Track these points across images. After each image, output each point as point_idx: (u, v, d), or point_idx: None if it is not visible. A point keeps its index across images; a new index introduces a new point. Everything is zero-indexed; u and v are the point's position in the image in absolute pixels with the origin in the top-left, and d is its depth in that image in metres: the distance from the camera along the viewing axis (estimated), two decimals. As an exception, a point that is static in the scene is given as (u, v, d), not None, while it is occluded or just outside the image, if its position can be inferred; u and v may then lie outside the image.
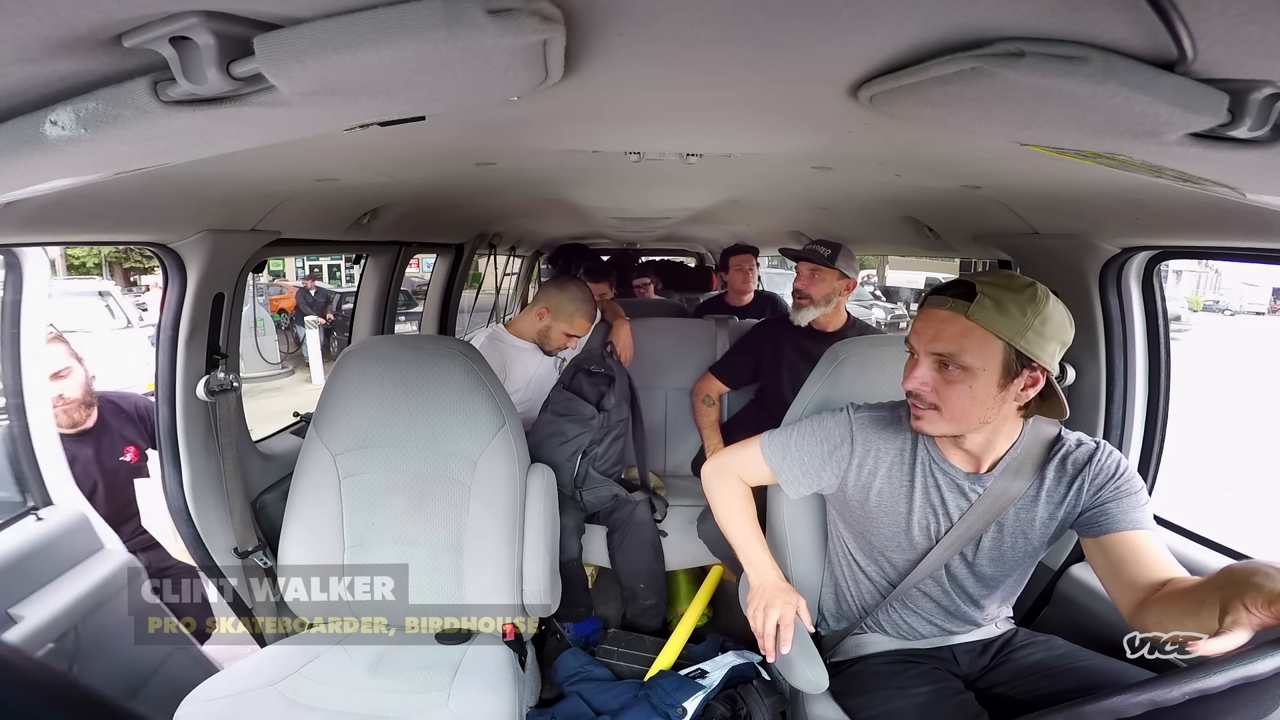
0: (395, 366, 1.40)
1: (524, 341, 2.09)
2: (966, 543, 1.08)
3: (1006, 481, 1.04)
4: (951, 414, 0.97)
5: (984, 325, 0.92)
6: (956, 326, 0.93)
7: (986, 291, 0.92)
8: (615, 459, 2.01)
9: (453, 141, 0.99)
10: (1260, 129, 0.46)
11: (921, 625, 1.16)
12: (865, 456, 1.12)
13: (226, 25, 0.41)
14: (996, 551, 1.08)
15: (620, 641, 1.97)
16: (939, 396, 0.97)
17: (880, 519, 1.12)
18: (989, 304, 0.91)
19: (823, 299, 1.98)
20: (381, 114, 0.60)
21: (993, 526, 1.07)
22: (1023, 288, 0.93)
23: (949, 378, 0.95)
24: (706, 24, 0.49)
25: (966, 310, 0.92)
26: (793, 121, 0.85)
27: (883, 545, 1.14)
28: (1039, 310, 0.92)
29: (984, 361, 0.93)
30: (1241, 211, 0.84)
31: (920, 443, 1.10)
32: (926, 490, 1.09)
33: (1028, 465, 1.04)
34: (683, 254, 6.30)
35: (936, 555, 1.09)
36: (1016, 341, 0.91)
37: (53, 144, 0.49)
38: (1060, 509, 1.03)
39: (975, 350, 0.93)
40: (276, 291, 10.96)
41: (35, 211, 0.96)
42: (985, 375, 0.94)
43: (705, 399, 2.19)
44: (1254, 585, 0.71)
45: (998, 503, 1.05)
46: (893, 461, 1.11)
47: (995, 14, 0.43)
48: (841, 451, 1.13)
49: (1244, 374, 10.59)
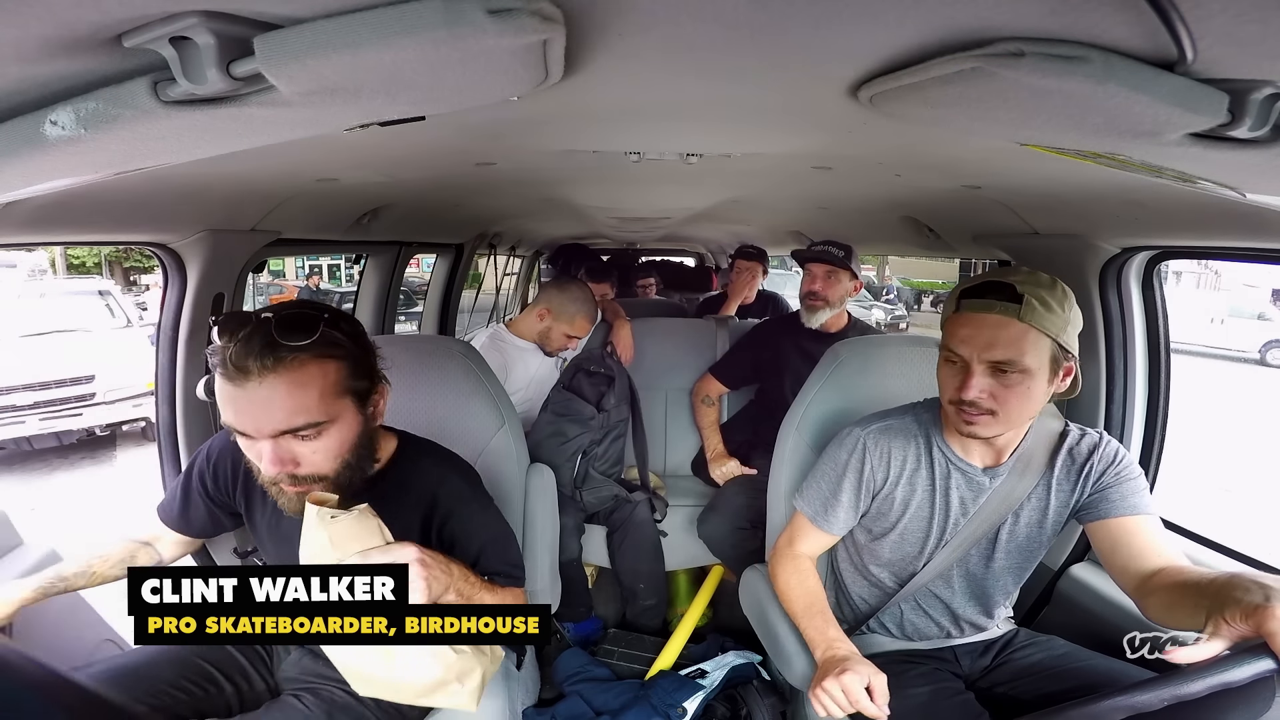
0: (395, 367, 1.39)
1: (525, 342, 2.09)
2: (978, 540, 1.08)
3: (1016, 477, 1.05)
4: (1008, 417, 0.97)
5: (1037, 326, 0.93)
6: (1013, 330, 0.93)
7: (1029, 291, 0.93)
8: (615, 459, 2.01)
9: (453, 141, 0.99)
10: (1260, 129, 0.46)
11: (927, 626, 1.16)
12: (889, 469, 1.11)
13: (226, 25, 0.41)
14: (1012, 545, 1.09)
15: (620, 641, 1.97)
16: (997, 402, 0.96)
17: (905, 524, 1.12)
18: (1037, 304, 0.93)
19: (837, 300, 1.98)
20: (381, 114, 0.60)
21: (1008, 521, 1.08)
22: (1052, 284, 0.96)
23: (1007, 382, 0.95)
24: (706, 24, 0.49)
25: (1019, 314, 0.93)
26: (793, 121, 0.85)
27: (897, 549, 1.13)
28: (1072, 303, 0.96)
29: (1039, 361, 0.94)
30: (1241, 211, 0.84)
31: (935, 444, 1.10)
32: (947, 492, 1.09)
33: (1037, 458, 1.05)
34: (683, 254, 6.30)
35: (946, 554, 1.09)
36: (1061, 337, 0.94)
37: (53, 144, 0.49)
38: (1071, 498, 1.05)
39: (1032, 352, 0.93)
40: (277, 291, 11.02)
41: (35, 211, 0.96)
42: (1040, 374, 0.95)
43: (705, 399, 2.19)
44: (1234, 599, 0.73)
45: (1009, 499, 1.06)
46: (912, 467, 1.11)
47: (995, 14, 0.43)
48: (865, 474, 1.12)
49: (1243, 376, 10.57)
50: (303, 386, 0.79)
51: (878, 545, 1.15)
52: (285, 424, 0.80)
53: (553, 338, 2.05)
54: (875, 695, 0.91)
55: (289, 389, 0.78)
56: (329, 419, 0.83)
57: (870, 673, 0.92)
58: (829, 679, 0.91)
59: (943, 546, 1.10)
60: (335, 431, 0.85)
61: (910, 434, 1.11)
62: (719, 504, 1.96)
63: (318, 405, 0.81)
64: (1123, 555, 0.98)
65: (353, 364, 0.85)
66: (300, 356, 0.78)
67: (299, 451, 0.83)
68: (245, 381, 0.77)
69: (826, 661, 0.98)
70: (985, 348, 0.94)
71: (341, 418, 0.85)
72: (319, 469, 0.85)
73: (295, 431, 0.81)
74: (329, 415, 0.83)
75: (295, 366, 0.78)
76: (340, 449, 0.86)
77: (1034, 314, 0.92)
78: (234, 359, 0.76)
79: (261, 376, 0.77)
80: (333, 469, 0.87)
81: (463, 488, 1.04)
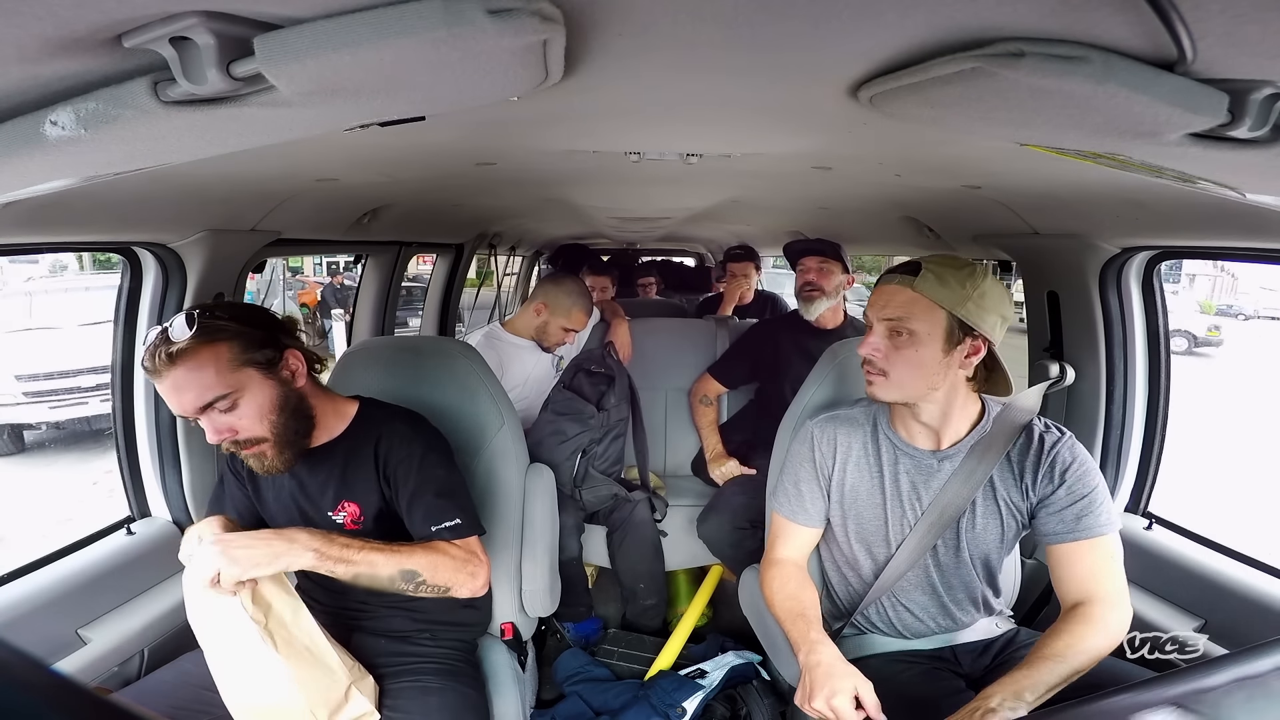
0: (394, 367, 1.40)
1: (521, 340, 2.08)
2: (944, 528, 1.10)
3: (974, 462, 1.08)
4: (900, 379, 1.05)
5: (927, 295, 1.02)
6: (904, 296, 1.03)
7: (930, 268, 1.03)
8: (615, 458, 2.01)
9: (453, 141, 0.99)
10: (1260, 129, 0.46)
11: (916, 623, 1.16)
12: (835, 454, 1.17)
13: (226, 25, 0.41)
14: (973, 533, 1.10)
15: (620, 641, 1.97)
16: (889, 362, 1.05)
17: (859, 510, 1.15)
18: (931, 277, 1.02)
19: (833, 290, 2.03)
20: (381, 114, 0.60)
21: (968, 510, 1.09)
22: (962, 265, 1.04)
23: (898, 344, 1.04)
24: (706, 24, 0.49)
25: (912, 283, 1.03)
26: (793, 121, 0.85)
27: (865, 537, 1.16)
28: (977, 284, 1.02)
29: (929, 328, 1.02)
30: (1241, 211, 0.84)
31: (881, 430, 1.15)
32: (896, 477, 1.13)
33: (995, 447, 1.08)
34: (682, 254, 6.30)
35: (914, 542, 1.11)
36: (958, 310, 1.01)
37: (53, 144, 0.49)
38: (1031, 492, 1.07)
39: (921, 317, 1.02)
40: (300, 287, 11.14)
41: (35, 211, 0.96)
42: (930, 341, 1.03)
43: (703, 399, 2.20)
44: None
45: (967, 484, 1.08)
46: (859, 453, 1.15)
47: (995, 14, 0.43)
48: (818, 459, 1.18)
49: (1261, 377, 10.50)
50: (199, 369, 0.93)
51: (843, 534, 1.18)
52: (198, 401, 0.94)
53: (550, 332, 2.05)
54: (865, 704, 0.92)
55: (187, 373, 0.93)
56: (235, 389, 0.96)
57: (856, 682, 0.94)
58: (818, 699, 0.94)
59: (910, 533, 1.11)
60: (249, 398, 0.98)
61: (856, 422, 1.17)
62: (719, 504, 1.96)
63: (217, 380, 0.94)
64: (1058, 576, 1.04)
65: (243, 341, 0.98)
66: (187, 347, 0.92)
67: (228, 421, 0.97)
68: (159, 378, 0.93)
69: (809, 667, 0.99)
70: (880, 308, 1.06)
71: (248, 386, 0.98)
72: (253, 432, 0.99)
73: (210, 405, 0.95)
74: (233, 386, 0.96)
75: (187, 356, 0.92)
76: (261, 412, 0.99)
77: (926, 284, 1.02)
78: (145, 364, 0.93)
79: (166, 371, 0.92)
80: (265, 429, 1.00)
81: (404, 430, 1.13)
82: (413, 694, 1.07)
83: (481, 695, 1.17)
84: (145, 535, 1.44)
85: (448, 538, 1.07)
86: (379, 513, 1.12)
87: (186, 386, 0.93)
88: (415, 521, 1.08)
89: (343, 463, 1.11)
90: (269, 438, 1.00)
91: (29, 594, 1.19)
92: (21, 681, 0.24)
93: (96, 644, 1.21)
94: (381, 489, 1.11)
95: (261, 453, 1.00)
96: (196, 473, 1.53)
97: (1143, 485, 1.56)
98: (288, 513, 1.14)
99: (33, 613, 1.17)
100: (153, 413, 1.49)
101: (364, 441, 1.12)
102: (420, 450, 1.12)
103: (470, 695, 1.13)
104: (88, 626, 1.23)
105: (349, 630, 1.14)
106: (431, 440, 1.15)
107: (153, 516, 1.53)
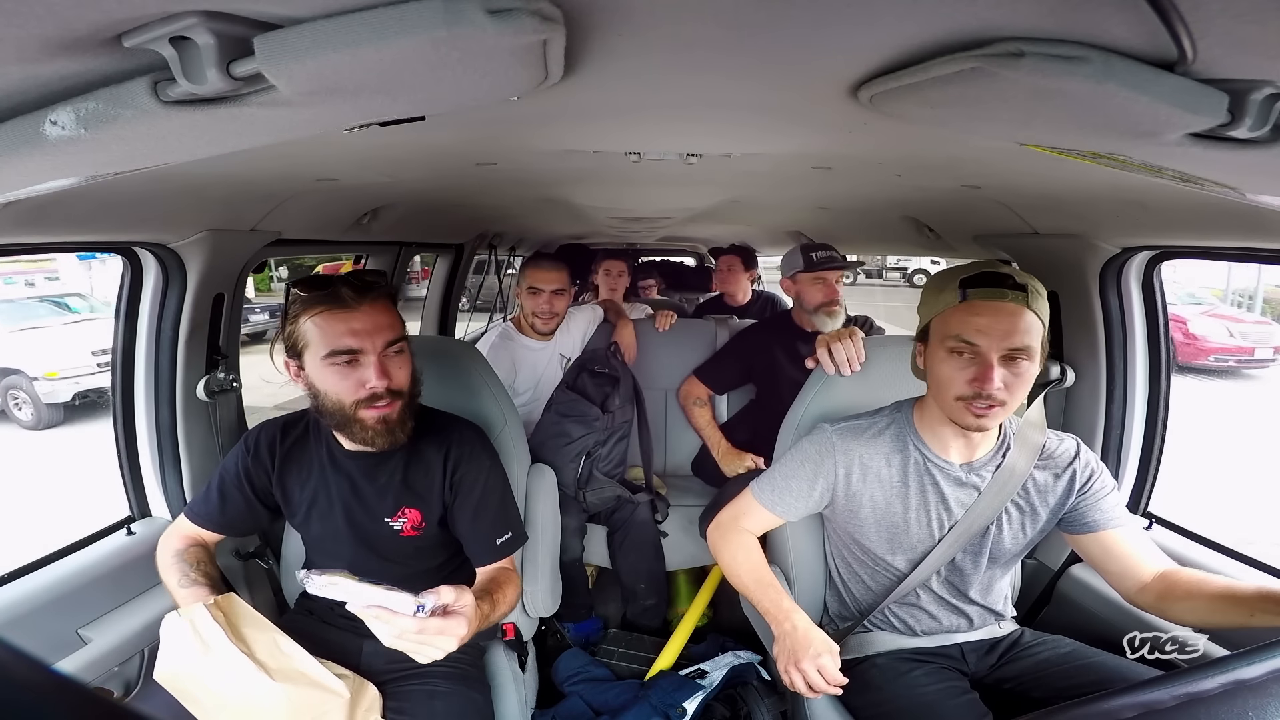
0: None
1: (531, 340, 2.10)
2: (974, 535, 1.09)
3: (1007, 474, 1.07)
4: (1011, 406, 0.98)
5: (1037, 313, 0.96)
6: (1026, 318, 0.95)
7: (1027, 282, 0.96)
8: (618, 460, 2.01)
9: (453, 141, 0.99)
10: (1260, 129, 0.46)
11: (930, 620, 1.17)
12: (851, 467, 1.13)
13: (226, 25, 0.41)
14: (1000, 542, 1.11)
15: (620, 641, 1.97)
16: (1009, 392, 0.95)
17: (875, 524, 1.14)
18: (1035, 292, 0.96)
19: (843, 302, 2.00)
20: (381, 114, 0.60)
21: (1000, 516, 1.09)
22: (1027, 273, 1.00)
23: (1018, 370, 0.95)
24: (707, 24, 0.49)
25: (1027, 301, 0.94)
26: (793, 121, 0.85)
27: (881, 548, 1.15)
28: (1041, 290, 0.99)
29: (1038, 344, 0.96)
30: (1241, 211, 0.84)
31: (910, 444, 1.12)
32: (923, 489, 1.11)
33: (1025, 457, 1.07)
34: (682, 254, 6.29)
35: (942, 550, 1.10)
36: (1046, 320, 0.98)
37: (53, 144, 0.49)
38: (1054, 499, 1.09)
39: (1035, 334, 0.96)
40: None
41: (35, 211, 0.96)
42: (1038, 357, 0.96)
43: (695, 401, 2.19)
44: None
45: (1001, 493, 1.07)
46: (880, 467, 1.12)
47: (995, 14, 0.43)
48: (825, 467, 1.14)
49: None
50: (388, 312, 1.04)
51: (868, 543, 1.16)
52: (390, 334, 1.02)
53: (527, 308, 2.08)
54: (826, 674, 0.97)
55: (384, 311, 1.03)
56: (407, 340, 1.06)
57: (825, 650, 0.99)
58: (805, 661, 0.98)
59: (938, 543, 1.10)
60: (408, 352, 1.07)
61: (884, 434, 1.13)
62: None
63: (400, 325, 1.05)
64: (1117, 564, 1.04)
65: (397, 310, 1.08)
66: (379, 294, 1.03)
67: (390, 366, 1.02)
68: (347, 311, 0.98)
69: (788, 632, 1.03)
70: (1004, 336, 0.93)
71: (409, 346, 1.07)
72: (402, 384, 1.05)
73: (393, 345, 1.03)
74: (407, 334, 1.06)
75: (380, 298, 1.03)
76: (410, 369, 1.07)
77: (1036, 300, 0.95)
78: (345, 294, 0.99)
79: (362, 304, 1.00)
80: (407, 385, 1.06)
81: (475, 439, 1.19)
82: (420, 698, 1.07)
83: (488, 699, 1.17)
84: (145, 535, 1.44)
85: (509, 551, 1.13)
86: (439, 520, 1.14)
87: (382, 320, 1.01)
88: (478, 533, 1.11)
89: (405, 468, 1.12)
90: (404, 399, 1.05)
91: (29, 594, 1.19)
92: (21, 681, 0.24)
93: (96, 644, 1.21)
94: (444, 496, 1.13)
95: (391, 411, 1.03)
96: (196, 472, 1.53)
97: (1143, 485, 1.56)
98: (330, 516, 1.12)
99: (33, 613, 1.16)
100: (153, 413, 1.48)
101: (430, 449, 1.14)
102: (489, 462, 1.16)
103: (476, 700, 1.13)
104: (88, 626, 1.23)
105: (360, 640, 1.14)
106: (494, 452, 1.20)
107: (153, 516, 1.52)
